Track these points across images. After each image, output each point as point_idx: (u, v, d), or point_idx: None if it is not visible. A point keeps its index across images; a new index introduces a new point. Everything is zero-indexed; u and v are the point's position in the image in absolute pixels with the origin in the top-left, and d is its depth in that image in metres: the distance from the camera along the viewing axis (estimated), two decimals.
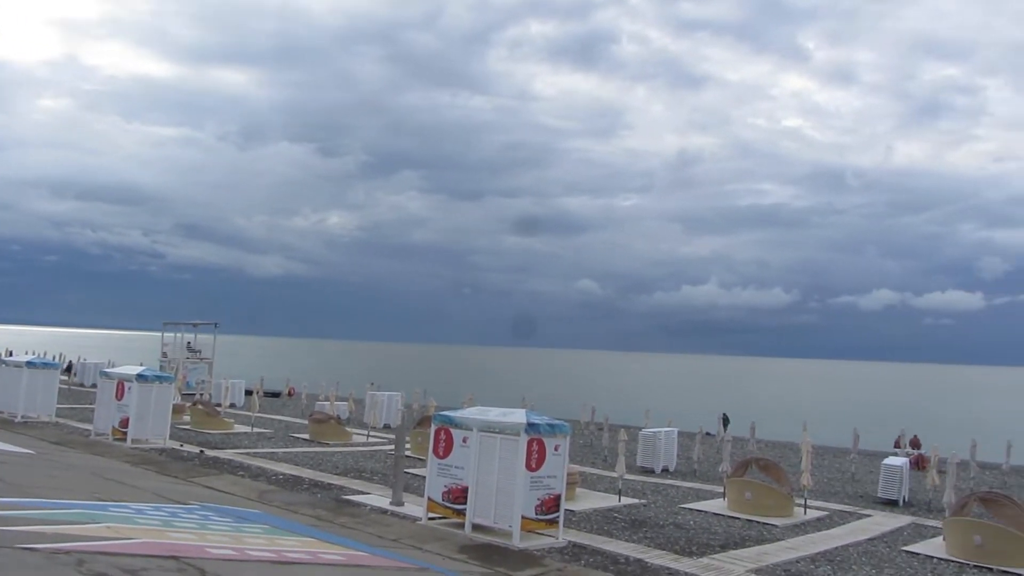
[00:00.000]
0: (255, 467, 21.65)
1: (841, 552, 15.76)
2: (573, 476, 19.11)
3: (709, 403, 59.80)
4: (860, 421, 37.14)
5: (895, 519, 19.72)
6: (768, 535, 16.92)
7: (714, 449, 29.76)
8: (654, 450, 26.08)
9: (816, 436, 26.65)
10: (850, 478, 26.71)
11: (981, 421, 63.81)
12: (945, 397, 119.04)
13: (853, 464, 27.85)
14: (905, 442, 33.94)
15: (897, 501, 22.11)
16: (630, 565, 13.64)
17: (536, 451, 14.45)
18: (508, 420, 14.79)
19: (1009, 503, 16.49)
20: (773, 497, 19.07)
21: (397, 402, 36.00)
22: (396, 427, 24.06)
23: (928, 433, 36.18)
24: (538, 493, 14.48)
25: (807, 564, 14.59)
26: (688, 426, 32.86)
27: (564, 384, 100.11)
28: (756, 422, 32.82)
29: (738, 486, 19.41)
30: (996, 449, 31.05)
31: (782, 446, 35.49)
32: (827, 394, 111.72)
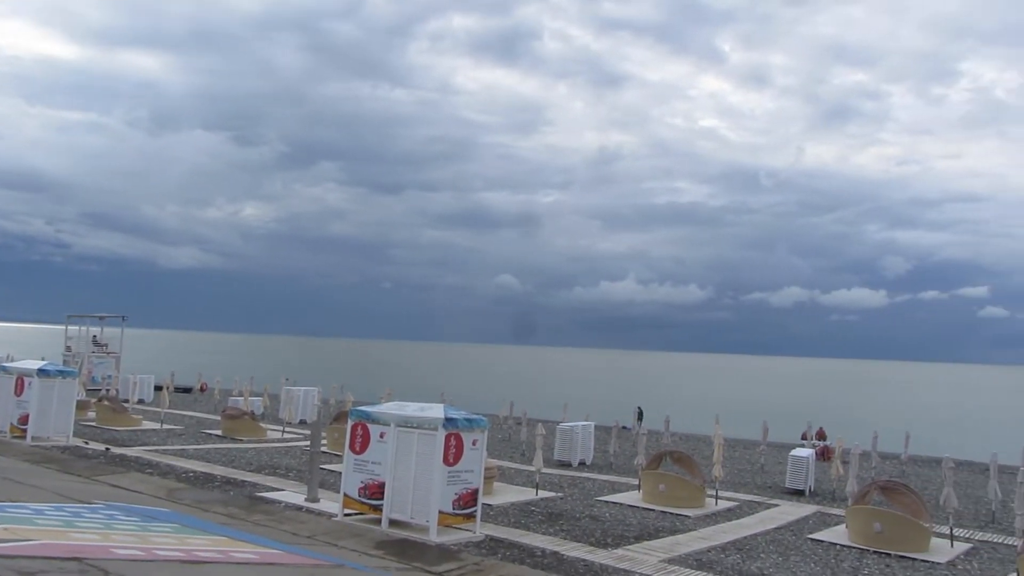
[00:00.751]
0: (164, 464, 21.03)
1: (750, 541, 16.24)
2: (491, 470, 19.17)
3: (625, 397, 60.78)
4: (769, 414, 38.25)
5: (801, 508, 20.42)
6: (681, 526, 17.30)
7: (630, 442, 30.27)
8: (571, 444, 26.37)
9: (728, 429, 27.38)
10: (759, 469, 27.51)
11: (882, 414, 66.60)
12: (849, 391, 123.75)
13: (762, 456, 28.70)
14: (811, 434, 35.10)
15: (803, 491, 22.88)
16: (546, 558, 13.76)
17: (454, 446, 14.43)
18: (426, 415, 14.72)
19: (906, 491, 17.26)
20: (686, 489, 19.51)
21: (313, 397, 35.47)
22: (312, 423, 23.68)
23: (833, 425, 37.52)
24: (456, 488, 14.47)
25: (717, 553, 14.97)
26: (605, 420, 33.33)
27: (483, 379, 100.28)
28: (671, 416, 33.43)
29: (652, 478, 19.79)
30: (896, 440, 32.43)
31: (696, 439, 36.33)
32: (738, 388, 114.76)
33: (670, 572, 13.11)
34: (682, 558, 14.34)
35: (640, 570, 13.24)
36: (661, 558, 14.17)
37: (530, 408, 34.95)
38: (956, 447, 33.41)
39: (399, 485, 14.68)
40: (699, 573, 13.29)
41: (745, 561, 14.48)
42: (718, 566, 13.96)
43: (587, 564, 13.48)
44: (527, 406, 35.51)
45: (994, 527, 19.28)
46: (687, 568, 13.62)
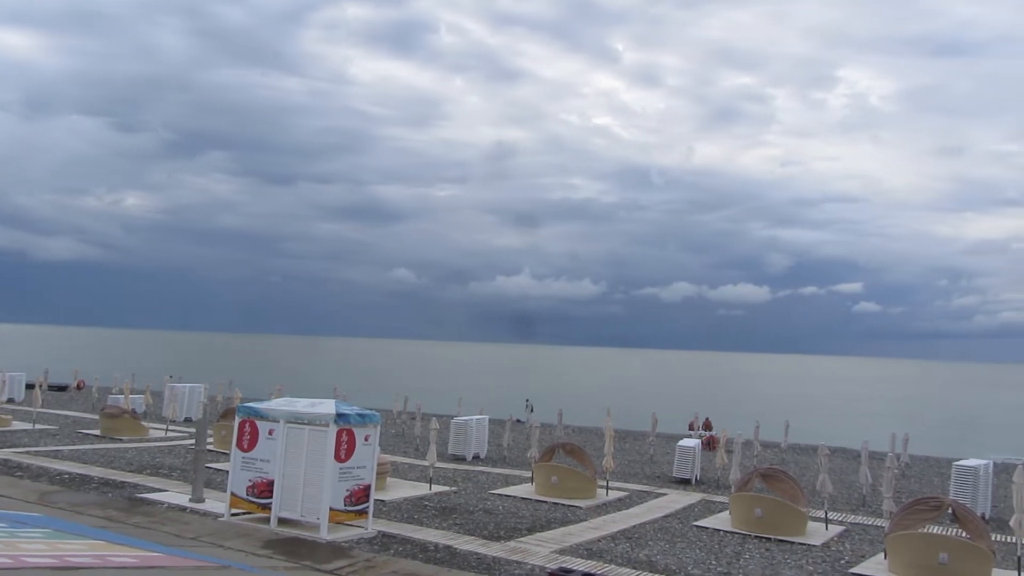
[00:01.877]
0: (36, 466, 19.94)
1: (639, 529, 16.64)
2: (384, 466, 18.99)
3: (519, 391, 61.29)
4: (659, 406, 39.29)
5: (688, 496, 21.06)
6: (572, 516, 17.57)
7: (523, 435, 30.51)
8: (465, 438, 26.40)
9: (619, 421, 27.93)
10: (649, 460, 28.22)
11: (764, 404, 69.36)
12: (735, 383, 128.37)
13: (652, 447, 29.45)
14: (698, 425, 36.24)
15: (690, 480, 23.60)
16: (439, 552, 13.73)
17: (346, 442, 14.22)
18: (317, 411, 14.46)
19: (785, 478, 18.02)
20: (578, 480, 19.82)
21: (200, 394, 34.26)
22: (197, 420, 22.89)
23: (719, 416, 38.80)
24: (347, 484, 14.27)
25: (608, 542, 15.28)
26: (499, 414, 33.49)
27: (377, 374, 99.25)
28: (563, 409, 33.96)
29: (545, 471, 20.02)
30: (776, 429, 33.88)
31: (588, 431, 36.95)
32: (629, 381, 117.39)
33: (562, 562, 13.29)
34: (573, 548, 14.57)
35: (532, 561, 13.38)
36: (553, 549, 14.36)
37: (424, 403, 34.78)
38: (831, 435, 35.08)
39: (289, 483, 14.37)
40: (590, 562, 13.52)
41: (634, 549, 14.83)
42: (608, 555, 14.25)
43: (479, 557, 13.53)
44: (421, 401, 35.32)
45: (865, 510, 20.37)
46: (578, 557, 13.84)
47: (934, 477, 26.99)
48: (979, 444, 37.85)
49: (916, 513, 14.62)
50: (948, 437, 44.92)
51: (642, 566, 13.60)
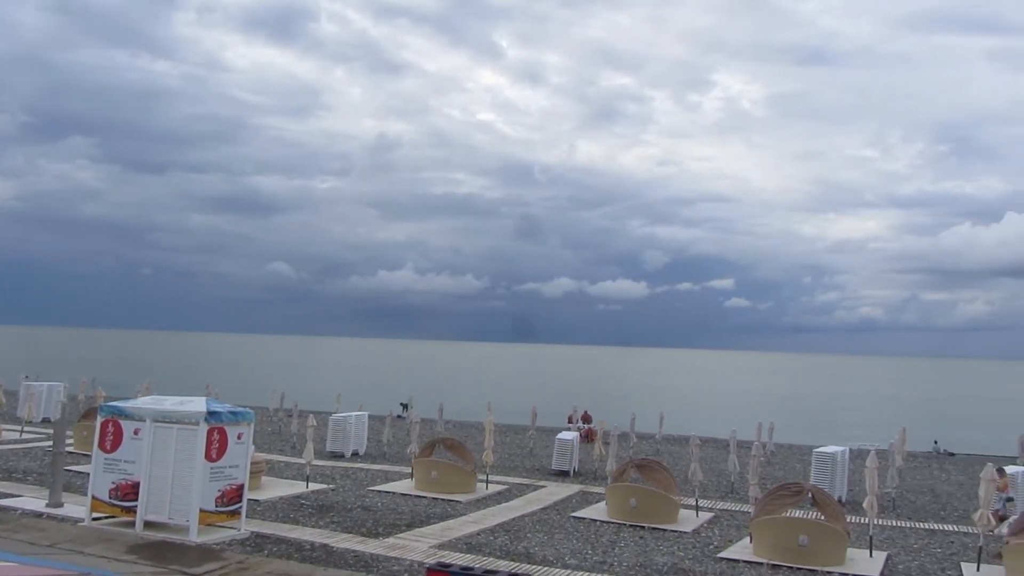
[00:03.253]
0: None
1: (518, 522, 16.81)
2: (258, 465, 18.50)
3: (401, 387, 60.84)
4: (539, 400, 39.79)
5: (566, 488, 21.42)
6: (452, 511, 17.58)
7: (404, 431, 30.30)
8: (344, 434, 26.01)
9: (499, 415, 28.12)
10: (528, 453, 28.55)
11: (641, 397, 71.33)
12: (613, 376, 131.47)
13: (531, 440, 29.80)
14: (577, 418, 36.90)
15: (568, 472, 24.02)
16: (315, 551, 13.47)
17: (217, 440, 13.75)
18: (186, 409, 13.92)
19: (659, 468, 18.59)
20: (457, 475, 19.84)
21: (59, 393, 32.40)
22: (56, 420, 21.62)
23: (597, 409, 39.64)
24: (219, 484, 13.80)
25: (487, 536, 15.36)
26: (379, 410, 33.15)
27: (252, 370, 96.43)
28: (445, 404, 33.92)
29: (425, 466, 19.95)
30: (652, 421, 34.84)
31: (469, 426, 37.04)
32: (511, 375, 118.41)
33: (440, 557, 13.27)
34: (453, 543, 14.57)
35: (411, 557, 13.30)
36: (432, 544, 14.32)
37: (302, 399, 34.01)
38: (703, 426, 36.46)
39: (156, 484, 13.78)
40: (468, 556, 13.56)
41: (513, 542, 14.96)
42: (487, 548, 14.33)
43: (357, 555, 13.35)
44: (299, 397, 34.53)
45: (733, 496, 21.25)
46: (457, 552, 13.86)
47: (797, 464, 28.40)
48: (837, 432, 40.13)
49: (779, 498, 15.36)
50: (809, 426, 47.40)
51: (520, 558, 13.74)
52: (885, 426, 41.67)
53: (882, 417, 58.74)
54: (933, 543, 16.66)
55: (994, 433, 42.53)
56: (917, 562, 14.93)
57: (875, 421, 54.95)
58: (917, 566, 14.62)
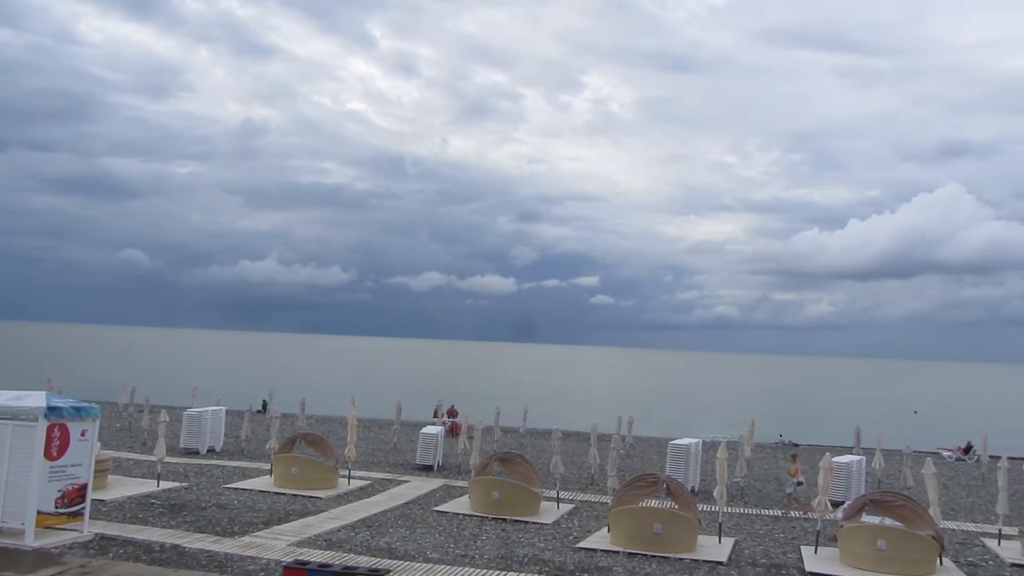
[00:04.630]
0: None
1: (380, 517, 16.65)
2: (104, 463, 17.56)
3: (262, 380, 59.08)
4: (405, 395, 39.57)
5: (430, 483, 21.39)
6: (312, 508, 17.23)
7: (263, 426, 29.47)
8: (199, 430, 25.03)
9: (364, 410, 27.79)
10: (393, 448, 28.34)
11: (506, 391, 72.08)
12: (479, 371, 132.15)
13: (396, 435, 29.58)
14: (443, 412, 36.93)
15: (433, 466, 24.00)
16: (165, 552, 12.89)
17: (58, 437, 12.95)
18: (23, 404, 13.02)
19: (522, 461, 18.83)
20: (319, 470, 19.47)
21: None
22: None
23: (464, 404, 39.80)
24: (59, 484, 12.99)
25: (348, 532, 15.14)
26: (238, 404, 32.11)
27: (101, 363, 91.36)
28: (307, 398, 33.14)
29: (284, 462, 19.46)
30: (516, 415, 35.28)
31: (332, 421, 36.42)
32: (377, 370, 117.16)
33: (298, 555, 12.97)
34: (312, 540, 14.28)
35: (268, 556, 12.94)
36: (290, 542, 13.98)
37: (155, 394, 32.54)
38: (565, 420, 37.26)
39: None
40: (328, 553, 13.32)
41: (374, 537, 14.81)
42: (347, 544, 14.12)
43: (211, 555, 12.87)
44: (151, 392, 33.03)
45: (593, 488, 21.79)
46: (316, 549, 13.59)
47: (654, 455, 29.42)
48: (692, 425, 41.85)
49: (636, 489, 15.86)
50: (667, 419, 49.20)
51: (381, 553, 13.61)
52: (736, 419, 43.76)
53: (733, 410, 61.68)
54: (777, 529, 17.63)
55: (834, 425, 45.45)
56: (762, 547, 15.75)
57: (727, 414, 57.62)
58: (762, 550, 15.43)
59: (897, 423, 51.65)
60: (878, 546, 13.94)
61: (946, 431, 44.49)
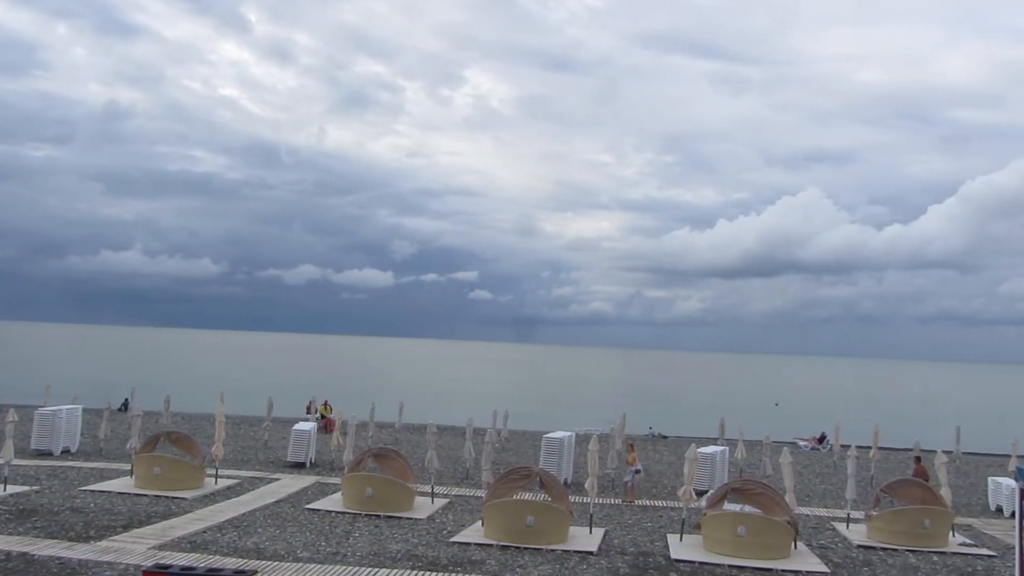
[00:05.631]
0: None
1: (248, 517, 16.17)
2: None
3: (124, 377, 56.33)
4: (276, 391, 38.61)
5: (302, 480, 20.94)
6: (176, 509, 16.56)
7: (124, 425, 28.10)
8: (53, 430, 23.60)
9: (235, 407, 26.94)
10: (263, 445, 27.57)
11: (382, 386, 71.43)
12: (356, 365, 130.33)
13: (267, 432, 28.80)
14: (316, 408, 36.22)
15: (305, 463, 23.50)
16: (12, 561, 12.10)
17: None
18: None
19: (396, 456, 18.69)
20: (183, 470, 18.73)
21: None
22: None
23: (339, 399, 39.15)
24: None
25: (214, 533, 14.63)
26: (96, 403, 30.51)
27: None
28: (172, 395, 31.88)
29: (146, 462, 18.61)
30: (392, 410, 35.00)
31: (199, 418, 35.11)
32: (248, 365, 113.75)
33: (159, 558, 12.44)
34: (175, 542, 13.72)
35: (126, 560, 12.35)
36: (152, 545, 13.39)
37: (2, 392, 30.51)
38: (442, 414, 37.23)
39: None
40: (192, 555, 12.84)
41: (242, 537, 14.37)
42: (213, 546, 13.65)
43: (62, 562, 12.16)
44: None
45: (468, 482, 21.86)
46: (180, 552, 13.07)
47: (529, 449, 29.78)
48: (566, 418, 42.58)
49: (510, 482, 16.02)
50: (541, 412, 49.90)
51: (249, 554, 13.23)
52: (608, 412, 44.89)
53: (605, 404, 63.22)
54: (645, 518, 18.18)
55: (700, 417, 47.23)
56: (631, 536, 16.21)
57: (599, 408, 59.00)
58: (630, 539, 15.87)
59: (759, 415, 54.25)
60: (738, 532, 14.58)
61: (803, 422, 46.98)
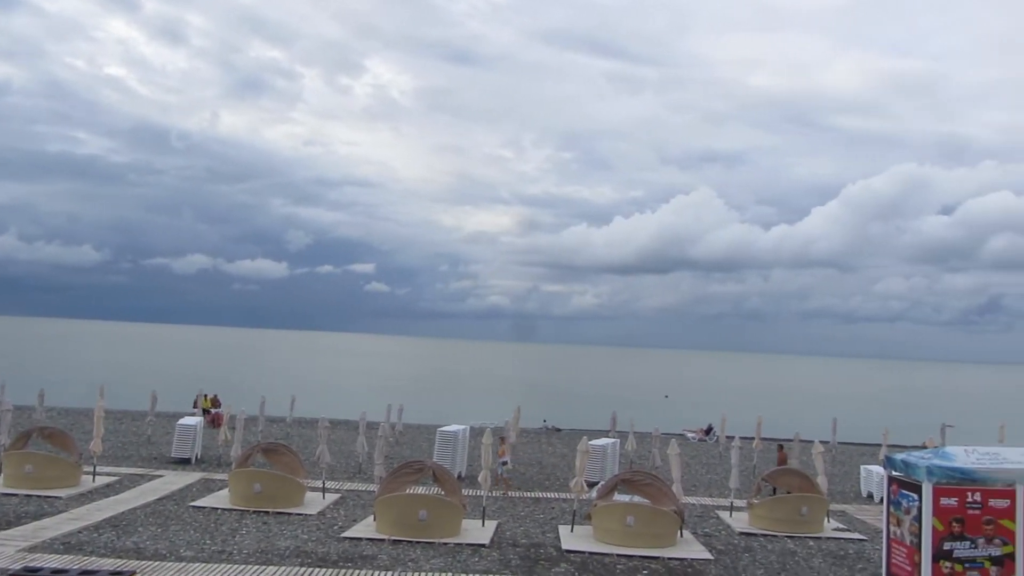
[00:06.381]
0: None
1: (128, 515, 15.52)
2: None
3: None
4: (162, 384, 37.26)
5: (186, 477, 20.25)
6: (50, 508, 15.75)
7: None
8: None
9: (115, 401, 25.80)
10: (147, 440, 26.54)
11: (273, 380, 69.83)
12: (247, 359, 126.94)
13: (150, 426, 27.73)
14: (202, 403, 35.11)
15: (190, 459, 22.74)
16: None
17: None
18: None
19: (286, 451, 18.31)
20: (58, 467, 17.84)
21: None
22: None
23: (229, 393, 38.10)
24: None
25: (90, 533, 13.98)
26: None
27: None
28: (46, 389, 30.25)
29: (17, 459, 17.61)
30: (284, 404, 34.23)
31: (76, 413, 33.49)
32: (131, 357, 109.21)
33: (29, 561, 11.80)
34: (47, 543, 13.04)
35: None
36: (21, 547, 12.69)
37: None
38: (336, 408, 36.69)
39: None
40: (66, 557, 12.23)
41: (120, 537, 13.78)
42: (89, 546, 13.04)
43: None
44: None
45: (361, 477, 21.61)
46: (52, 553, 12.43)
47: (423, 442, 29.65)
48: (461, 412, 42.62)
49: (402, 476, 15.91)
50: (438, 406, 49.82)
51: (128, 554, 12.70)
52: (503, 406, 45.15)
53: (500, 397, 63.60)
54: (537, 510, 18.37)
55: (593, 410, 48.08)
56: (523, 528, 16.35)
57: (495, 401, 59.30)
58: (522, 531, 16.01)
59: (650, 408, 55.59)
60: (627, 522, 14.91)
61: (691, 415, 48.47)
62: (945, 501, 10.28)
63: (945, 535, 10.22)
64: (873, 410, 66.45)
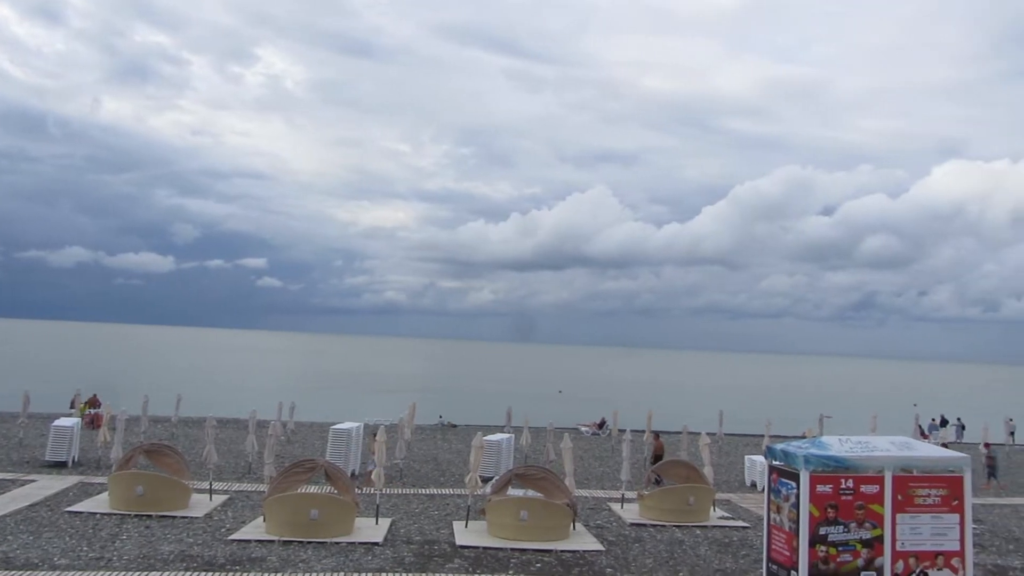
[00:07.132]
0: None
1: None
2: None
3: None
4: (34, 383, 35.39)
5: (62, 481, 19.28)
6: None
7: None
8: None
9: None
10: (18, 443, 25.13)
11: (157, 378, 67.22)
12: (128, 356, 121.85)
13: (22, 428, 26.27)
14: (80, 402, 33.61)
15: (67, 462, 21.66)
16: None
17: None
18: None
19: (170, 452, 17.64)
20: None
21: None
22: None
23: (109, 392, 36.47)
24: None
25: None
26: None
27: None
28: None
29: None
30: (168, 403, 32.99)
31: None
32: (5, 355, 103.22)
33: None
34: None
35: None
36: None
37: None
38: (225, 407, 35.67)
39: None
40: None
41: None
42: None
43: None
44: None
45: (250, 477, 21.04)
46: None
47: (316, 441, 29.14)
48: (355, 409, 42.07)
49: (293, 475, 15.58)
50: (331, 403, 49.03)
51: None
52: (398, 402, 44.80)
53: (397, 394, 63.12)
54: (432, 506, 18.32)
55: (488, 406, 48.29)
56: (417, 525, 16.27)
57: (390, 398, 58.80)
58: (416, 528, 15.94)
59: (544, 403, 56.27)
60: (520, 517, 15.04)
61: (585, 409, 49.24)
62: (821, 488, 10.77)
63: (821, 520, 10.71)
64: (757, 402, 69.16)
